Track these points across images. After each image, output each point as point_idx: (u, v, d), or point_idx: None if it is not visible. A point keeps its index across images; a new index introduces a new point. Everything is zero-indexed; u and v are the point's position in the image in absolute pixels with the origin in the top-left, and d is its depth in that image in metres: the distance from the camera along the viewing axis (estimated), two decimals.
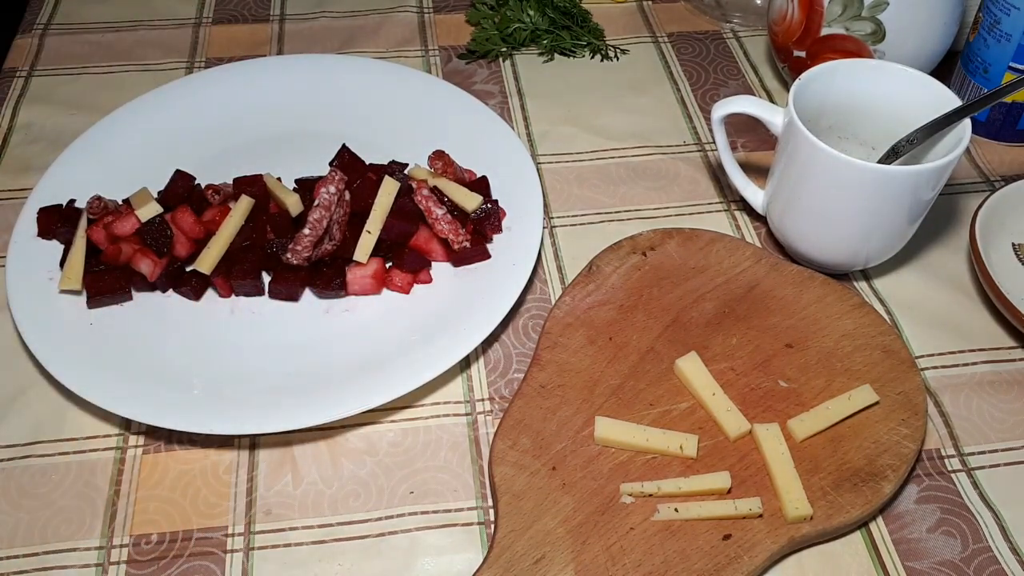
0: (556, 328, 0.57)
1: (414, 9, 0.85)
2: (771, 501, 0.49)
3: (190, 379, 0.55)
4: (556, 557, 0.47)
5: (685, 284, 0.60)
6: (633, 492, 0.49)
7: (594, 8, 0.85)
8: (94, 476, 0.52)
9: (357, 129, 0.71)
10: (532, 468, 0.50)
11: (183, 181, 0.62)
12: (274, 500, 0.51)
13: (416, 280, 0.60)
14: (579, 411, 0.53)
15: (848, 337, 0.56)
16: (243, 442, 0.54)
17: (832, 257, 0.60)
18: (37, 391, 0.56)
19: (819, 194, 0.56)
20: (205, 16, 0.84)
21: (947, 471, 0.53)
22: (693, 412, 0.53)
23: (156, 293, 0.60)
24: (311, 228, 0.58)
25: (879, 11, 0.66)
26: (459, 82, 0.77)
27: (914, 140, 0.57)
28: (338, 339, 0.58)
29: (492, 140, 0.68)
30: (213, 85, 0.73)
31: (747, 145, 0.73)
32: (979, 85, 0.70)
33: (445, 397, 0.56)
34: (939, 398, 0.56)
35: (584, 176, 0.70)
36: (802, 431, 0.51)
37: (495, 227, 0.62)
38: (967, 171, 0.71)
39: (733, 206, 0.68)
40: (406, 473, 0.52)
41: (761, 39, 0.83)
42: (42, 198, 0.63)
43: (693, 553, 0.47)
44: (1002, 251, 0.62)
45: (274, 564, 0.49)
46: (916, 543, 0.50)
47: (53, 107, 0.74)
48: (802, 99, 0.58)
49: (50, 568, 0.48)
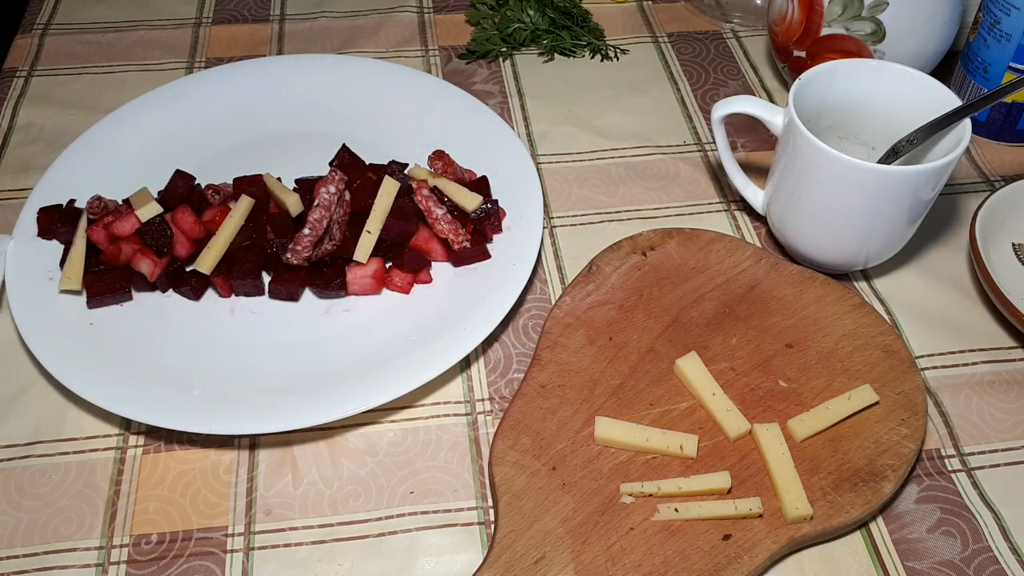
0: (556, 328, 0.57)
1: (414, 9, 0.85)
2: (771, 501, 0.49)
3: (190, 379, 0.55)
4: (556, 557, 0.47)
5: (685, 284, 0.60)
6: (633, 492, 0.49)
7: (594, 8, 0.85)
8: (94, 476, 0.52)
9: (357, 129, 0.71)
10: (532, 468, 0.50)
11: (183, 181, 0.62)
12: (274, 500, 0.51)
13: (416, 280, 0.60)
14: (579, 411, 0.53)
15: (848, 337, 0.56)
16: (243, 442, 0.54)
17: (832, 257, 0.60)
18: (37, 391, 0.56)
19: (819, 194, 0.56)
20: (205, 16, 0.84)
21: (947, 471, 0.53)
22: (693, 412, 0.53)
23: (156, 293, 0.60)
24: (311, 228, 0.58)
25: (879, 11, 0.66)
26: (459, 82, 0.77)
27: (914, 140, 0.57)
28: (338, 339, 0.58)
29: (492, 140, 0.68)
30: (213, 85, 0.73)
31: (747, 145, 0.73)
32: (979, 85, 0.70)
33: (445, 397, 0.56)
34: (939, 398, 0.56)
35: (584, 176, 0.70)
36: (802, 431, 0.51)
37: (495, 227, 0.62)
38: (967, 171, 0.71)
39: (733, 206, 0.68)
40: (406, 473, 0.52)
41: (761, 39, 0.83)
42: (42, 198, 0.63)
43: (693, 553, 0.47)
44: (1002, 251, 0.62)
45: (274, 564, 0.49)
46: (916, 543, 0.50)
47: (53, 107, 0.74)
48: (802, 99, 0.58)
49: (50, 568, 0.48)
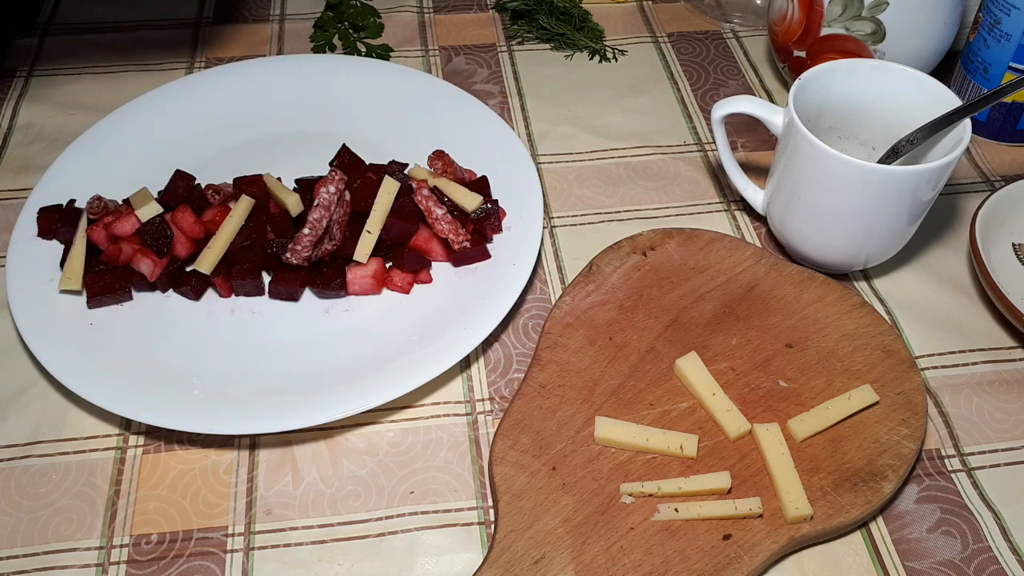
0: (556, 328, 0.57)
1: (414, 9, 0.85)
2: (771, 501, 0.49)
3: (190, 379, 0.55)
4: (556, 557, 0.47)
5: (685, 284, 0.60)
6: (633, 492, 0.49)
7: (594, 8, 0.85)
8: (94, 476, 0.52)
9: (357, 129, 0.71)
10: (532, 468, 0.50)
11: (183, 181, 0.62)
12: (274, 500, 0.51)
13: (416, 280, 0.60)
14: (579, 411, 0.53)
15: (848, 337, 0.56)
16: (243, 442, 0.54)
17: (832, 257, 0.60)
18: (37, 391, 0.56)
19: (819, 194, 0.56)
20: (205, 16, 0.84)
21: (947, 471, 0.53)
22: (693, 412, 0.53)
23: (156, 293, 0.60)
24: (311, 228, 0.58)
25: (879, 11, 0.66)
26: (459, 82, 0.77)
27: (914, 140, 0.57)
28: (338, 339, 0.58)
29: (492, 140, 0.68)
30: (213, 85, 0.73)
31: (747, 145, 0.73)
32: (979, 85, 0.70)
33: (445, 397, 0.56)
34: (939, 398, 0.56)
35: (584, 176, 0.70)
36: (802, 431, 0.51)
37: (495, 227, 0.62)
38: (967, 171, 0.71)
39: (733, 206, 0.68)
40: (406, 473, 0.52)
41: (761, 39, 0.83)
42: (42, 198, 0.63)
43: (693, 553, 0.47)
44: (1002, 251, 0.62)
45: (274, 564, 0.49)
46: (916, 543, 0.50)
47: (53, 107, 0.74)
48: (802, 99, 0.58)
49: (50, 568, 0.48)
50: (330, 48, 0.79)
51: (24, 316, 0.56)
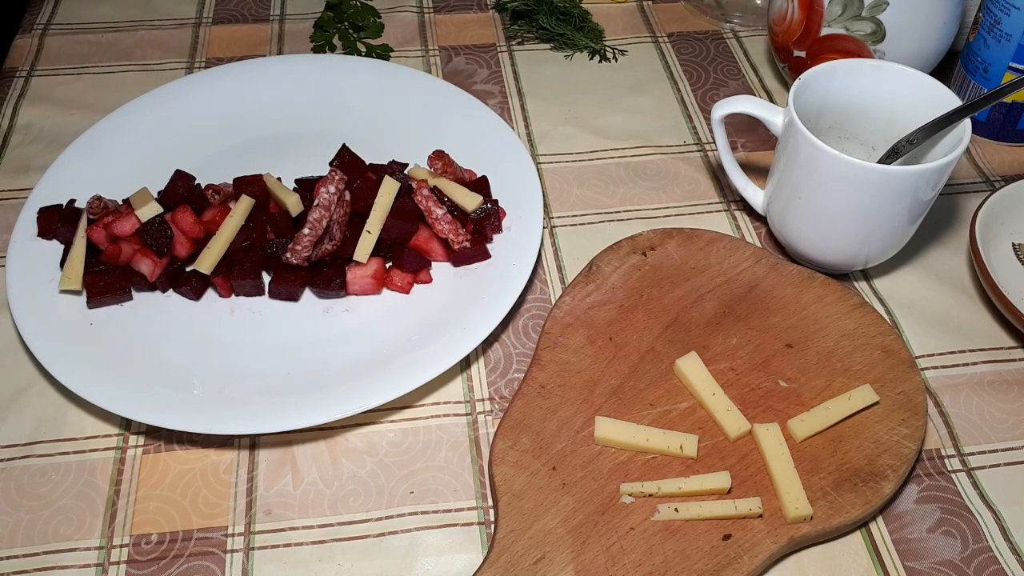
0: (556, 328, 0.57)
1: (414, 9, 0.85)
2: (771, 501, 0.49)
3: (190, 379, 0.55)
4: (556, 557, 0.47)
5: (685, 284, 0.60)
6: (633, 492, 0.49)
7: (594, 8, 0.85)
8: (94, 476, 0.52)
9: (357, 129, 0.71)
10: (532, 468, 0.50)
11: (183, 181, 0.62)
12: (274, 500, 0.51)
13: (416, 280, 0.60)
14: (579, 411, 0.53)
15: (848, 337, 0.56)
16: (243, 442, 0.54)
17: (832, 257, 0.60)
18: (37, 391, 0.56)
19: (819, 194, 0.56)
20: (205, 16, 0.84)
21: (947, 471, 0.53)
22: (693, 412, 0.53)
23: (156, 293, 0.60)
24: (311, 228, 0.58)
25: (879, 11, 0.66)
26: (459, 82, 0.77)
27: (914, 140, 0.57)
28: (338, 339, 0.58)
29: (492, 140, 0.68)
30: (213, 85, 0.73)
31: (747, 145, 0.73)
32: (979, 85, 0.70)
33: (445, 397, 0.56)
34: (939, 398, 0.56)
35: (584, 176, 0.70)
36: (802, 431, 0.51)
37: (495, 227, 0.62)
38: (967, 171, 0.71)
39: (733, 206, 0.68)
40: (406, 473, 0.52)
41: (761, 39, 0.83)
42: (42, 198, 0.63)
43: (693, 553, 0.47)
44: (1002, 251, 0.62)
45: (274, 564, 0.49)
46: (916, 543, 0.50)
47: (53, 107, 0.74)
48: (802, 99, 0.58)
49: (50, 568, 0.48)
50: (330, 48, 0.79)
51: (24, 316, 0.56)
